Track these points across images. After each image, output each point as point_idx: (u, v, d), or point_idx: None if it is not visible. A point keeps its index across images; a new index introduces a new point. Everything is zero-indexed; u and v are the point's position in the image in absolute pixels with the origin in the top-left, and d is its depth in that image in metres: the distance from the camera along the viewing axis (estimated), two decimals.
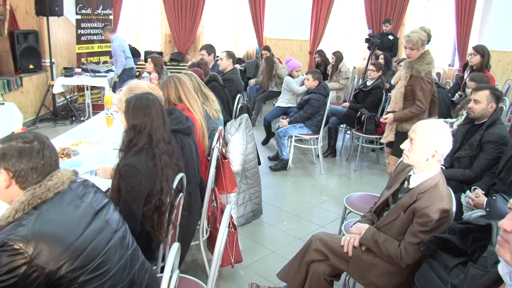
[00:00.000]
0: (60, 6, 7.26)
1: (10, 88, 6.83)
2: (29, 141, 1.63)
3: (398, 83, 4.21)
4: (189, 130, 2.82)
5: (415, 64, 3.95)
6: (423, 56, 3.95)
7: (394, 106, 4.22)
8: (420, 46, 3.91)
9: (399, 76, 4.20)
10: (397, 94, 4.17)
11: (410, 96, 4.09)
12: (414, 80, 4.00)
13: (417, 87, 3.99)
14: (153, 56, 5.92)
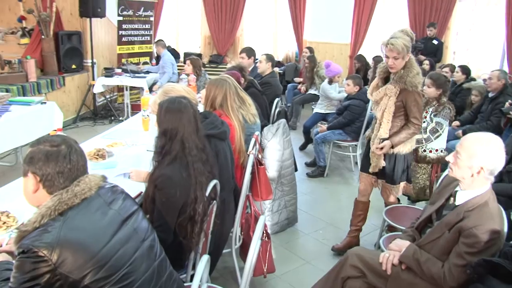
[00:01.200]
0: (102, 8, 7.36)
1: (53, 87, 6.96)
2: (57, 145, 1.59)
3: (382, 102, 3.30)
4: (224, 135, 2.75)
5: (405, 76, 3.17)
6: (409, 66, 3.20)
7: (387, 130, 3.32)
8: (406, 54, 3.15)
9: (382, 92, 3.29)
10: (387, 115, 3.28)
11: (398, 113, 3.29)
12: (407, 95, 3.21)
13: (411, 102, 3.22)
14: (192, 58, 5.92)
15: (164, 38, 9.39)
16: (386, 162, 3.38)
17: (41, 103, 5.10)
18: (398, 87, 3.21)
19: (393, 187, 3.44)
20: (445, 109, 4.02)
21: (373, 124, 3.53)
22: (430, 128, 3.99)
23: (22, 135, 4.68)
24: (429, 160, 4.07)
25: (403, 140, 3.30)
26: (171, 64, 7.68)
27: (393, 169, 3.39)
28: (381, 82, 3.38)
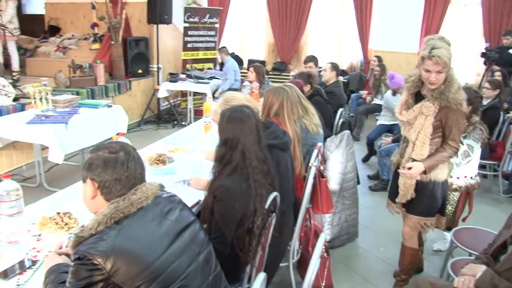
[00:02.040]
0: (169, 15, 7.54)
1: (120, 91, 7.17)
2: (115, 152, 1.58)
3: (417, 122, 2.83)
4: (286, 145, 2.67)
5: (447, 92, 2.68)
6: (450, 79, 2.71)
7: (421, 152, 2.82)
8: (449, 67, 2.67)
9: (417, 111, 2.82)
10: (423, 138, 2.80)
11: (435, 134, 2.81)
12: (448, 113, 2.73)
13: (453, 122, 2.73)
14: (255, 65, 5.91)
15: (229, 44, 9.48)
16: (419, 190, 2.88)
17: (107, 106, 5.25)
18: (438, 105, 2.73)
19: (426, 219, 2.96)
20: (476, 129, 3.64)
21: (401, 147, 3.04)
22: (462, 152, 3.55)
23: (89, 136, 4.83)
24: (456, 188, 3.56)
25: (437, 164, 2.81)
26: (234, 70, 7.71)
27: (427, 200, 2.90)
28: (411, 98, 2.91)
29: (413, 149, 2.84)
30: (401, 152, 3.00)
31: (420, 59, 2.69)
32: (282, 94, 3.15)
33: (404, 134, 2.99)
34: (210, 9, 9.06)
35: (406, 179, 2.87)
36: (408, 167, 2.78)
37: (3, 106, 5.10)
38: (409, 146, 2.88)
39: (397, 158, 3.07)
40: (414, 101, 2.89)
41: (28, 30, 9.64)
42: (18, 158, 5.28)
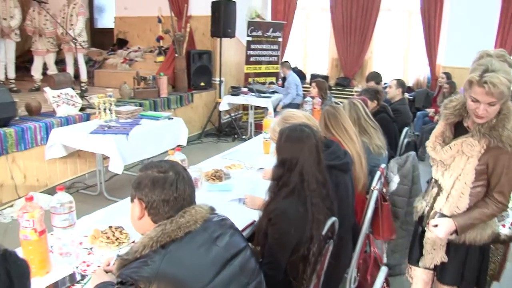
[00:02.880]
0: (233, 28, 7.57)
1: (182, 104, 7.25)
2: (164, 171, 1.51)
3: (455, 164, 2.15)
4: (347, 166, 2.52)
5: (500, 127, 2.01)
6: (506, 112, 2.04)
7: (457, 205, 2.15)
8: (507, 97, 1.98)
9: (456, 148, 2.13)
10: (461, 186, 2.13)
11: (477, 181, 2.11)
12: (498, 156, 2.05)
13: (503, 169, 2.05)
14: (318, 81, 5.80)
15: (292, 59, 9.41)
16: (451, 254, 2.24)
17: (168, 118, 5.28)
18: (485, 143, 2.05)
19: None
20: None
21: (429, 192, 2.34)
22: None
23: (149, 148, 4.88)
24: (505, 238, 2.57)
25: (475, 223, 2.11)
26: (295, 85, 7.63)
27: (461, 267, 2.25)
28: (449, 130, 2.22)
29: (447, 199, 2.19)
30: (430, 200, 2.30)
31: (467, 83, 2.01)
32: (331, 111, 3.01)
33: (435, 177, 2.30)
34: (274, 23, 9.04)
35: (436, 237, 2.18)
36: (433, 225, 2.15)
37: (70, 115, 5.26)
38: (442, 194, 2.22)
39: (422, 205, 2.37)
40: (453, 134, 2.21)
41: (98, 43, 10.06)
42: (81, 166, 5.42)
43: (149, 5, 8.75)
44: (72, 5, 7.34)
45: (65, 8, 7.37)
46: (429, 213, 2.28)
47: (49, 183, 5.04)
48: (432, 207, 2.27)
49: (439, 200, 2.23)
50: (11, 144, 4.58)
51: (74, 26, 7.21)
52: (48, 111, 5.39)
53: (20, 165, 4.72)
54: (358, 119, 3.33)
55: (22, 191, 4.70)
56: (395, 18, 9.55)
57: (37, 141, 4.84)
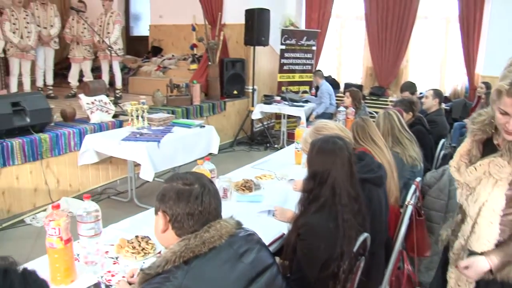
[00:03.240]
0: (266, 37, 7.54)
1: (214, 111, 7.25)
2: (189, 183, 1.46)
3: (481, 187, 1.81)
4: (381, 180, 2.43)
5: None
6: None
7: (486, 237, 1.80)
8: None
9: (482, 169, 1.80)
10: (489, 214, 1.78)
11: (509, 209, 1.75)
12: None
13: None
14: (352, 90, 5.71)
15: (325, 68, 9.32)
16: None
17: (200, 126, 5.27)
18: None
19: None
20: None
21: (455, 220, 2.03)
22: None
23: (180, 155, 4.87)
24: None
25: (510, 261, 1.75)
26: (329, 94, 7.52)
27: None
28: (476, 148, 1.88)
29: (472, 229, 1.83)
30: (456, 229, 1.99)
31: (495, 92, 1.67)
32: (360, 121, 2.92)
33: (459, 201, 1.97)
34: (308, 31, 8.97)
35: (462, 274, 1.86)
36: (464, 266, 1.81)
37: (103, 122, 5.32)
38: (466, 222, 1.88)
39: (447, 233, 2.08)
40: (480, 153, 1.87)
41: (133, 51, 10.22)
42: (113, 172, 5.47)
43: (184, 13, 8.85)
44: (109, 13, 7.48)
45: (102, 17, 7.52)
46: (454, 242, 1.97)
47: (81, 189, 5.09)
48: (457, 235, 1.96)
49: (464, 229, 1.90)
50: (46, 150, 4.66)
51: (111, 34, 7.34)
52: (82, 118, 5.47)
53: (54, 170, 4.79)
54: (392, 129, 3.23)
55: (55, 195, 4.77)
56: (432, 25, 9.33)
57: (70, 147, 4.91)
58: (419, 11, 8.99)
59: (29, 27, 6.95)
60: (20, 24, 6.88)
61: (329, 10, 9.58)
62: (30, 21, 6.98)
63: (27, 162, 4.51)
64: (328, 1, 9.52)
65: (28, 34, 6.94)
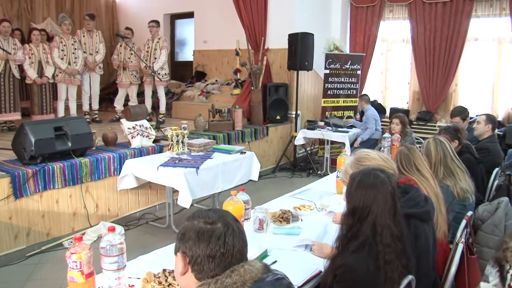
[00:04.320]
0: (310, 61, 7.44)
1: (257, 137, 7.16)
2: (211, 222, 1.33)
3: None
4: (428, 215, 2.22)
5: None
6: None
7: None
8: None
9: None
10: None
11: None
12: None
13: None
14: (400, 116, 5.55)
15: (371, 92, 9.09)
16: None
17: (240, 152, 5.17)
18: None
19: None
20: None
21: None
22: None
23: (220, 182, 4.78)
24: None
25: None
26: (374, 119, 7.30)
27: None
28: None
29: None
30: None
31: None
32: (404, 150, 2.72)
33: None
34: (352, 55, 8.81)
35: None
36: None
37: (143, 147, 5.32)
38: None
39: None
40: None
41: (178, 76, 10.36)
42: (152, 197, 5.43)
43: (228, 39, 8.89)
44: (156, 39, 7.63)
45: (149, 42, 7.68)
46: None
47: (120, 213, 5.07)
48: None
49: None
50: (86, 174, 4.67)
51: (157, 59, 7.48)
52: (124, 142, 5.50)
53: (93, 194, 4.79)
54: (445, 157, 3.02)
55: (94, 220, 4.76)
56: (483, 47, 8.96)
57: (110, 172, 4.90)
58: (469, 33, 8.66)
59: (76, 53, 7.15)
60: (68, 51, 7.09)
61: (374, 34, 9.39)
62: (77, 47, 7.18)
63: (67, 186, 4.53)
64: (374, 25, 9.34)
65: (75, 59, 7.15)
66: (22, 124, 4.43)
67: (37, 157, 4.36)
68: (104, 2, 11.32)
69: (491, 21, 8.66)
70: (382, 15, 9.34)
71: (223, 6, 8.70)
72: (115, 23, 11.45)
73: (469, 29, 8.61)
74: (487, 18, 8.65)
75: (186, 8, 10.10)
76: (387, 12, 9.40)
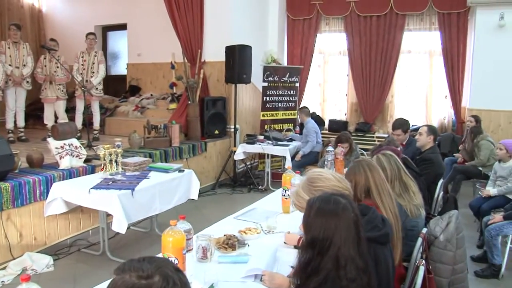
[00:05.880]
0: (248, 74, 7.28)
1: (195, 153, 6.90)
2: (147, 276, 1.07)
3: None
4: (387, 238, 2.06)
5: None
6: None
7: None
8: None
9: None
10: None
11: None
12: None
13: None
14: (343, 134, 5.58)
15: (309, 104, 9.09)
16: None
17: (179, 170, 4.89)
18: None
19: None
20: None
21: None
22: None
23: (157, 203, 4.48)
24: None
25: None
26: (315, 132, 7.23)
27: None
28: None
29: None
30: None
31: None
32: (361, 168, 2.54)
33: None
34: (290, 67, 8.75)
35: None
36: None
37: (73, 167, 4.92)
38: None
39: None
40: None
41: (112, 90, 9.90)
42: (84, 222, 5.02)
43: (162, 51, 8.57)
44: (93, 52, 7.24)
45: (84, 55, 7.25)
46: None
47: (48, 241, 4.63)
48: None
49: None
50: (7, 200, 4.21)
51: (95, 74, 7.11)
52: (51, 163, 5.06)
53: (15, 222, 4.32)
54: (399, 171, 2.88)
55: (17, 251, 4.30)
56: (416, 60, 9.20)
57: (36, 196, 4.46)
58: (402, 45, 8.87)
59: None
60: None
61: (312, 46, 9.43)
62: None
63: None
64: (310, 37, 9.38)
65: None
66: None
67: None
68: (29, 11, 10.55)
69: (422, 34, 8.92)
70: (319, 27, 9.41)
71: (158, 17, 8.37)
72: (42, 35, 10.77)
73: (403, 42, 8.81)
74: (419, 32, 8.92)
75: (119, 19, 9.68)
76: (324, 24, 9.48)
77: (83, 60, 7.29)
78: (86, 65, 7.28)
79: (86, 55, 7.30)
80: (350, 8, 8.99)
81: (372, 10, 8.86)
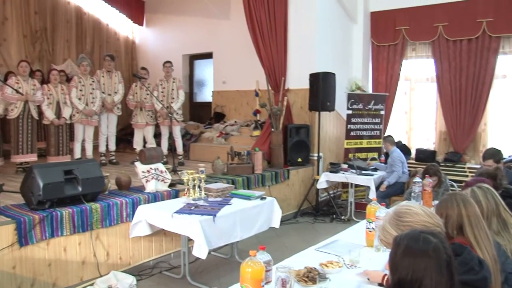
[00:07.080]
0: (332, 102, 7.19)
1: (277, 181, 6.86)
2: None
3: None
4: (485, 283, 1.86)
5: None
6: None
7: None
8: None
9: None
10: None
11: None
12: None
13: None
14: (431, 166, 5.30)
15: (395, 132, 8.78)
16: None
17: (261, 198, 4.86)
18: None
19: None
20: None
21: None
22: None
23: (239, 230, 4.46)
24: None
25: None
26: (401, 162, 6.95)
27: None
28: None
29: None
30: None
31: None
32: (454, 202, 2.32)
33: None
34: (375, 95, 8.54)
35: None
36: None
37: (158, 191, 5.06)
38: None
39: None
40: None
41: (197, 117, 10.22)
42: (167, 244, 5.13)
43: (247, 79, 8.73)
44: (171, 79, 7.53)
45: (163, 83, 7.57)
46: None
47: (132, 262, 4.77)
48: None
49: None
50: (96, 220, 4.40)
51: (176, 99, 7.38)
52: (138, 186, 5.26)
53: (103, 242, 4.50)
54: (497, 207, 2.62)
55: (104, 269, 4.46)
56: None
57: (122, 218, 4.63)
58: (496, 70, 8.34)
59: (94, 93, 7.06)
60: (86, 91, 7.00)
61: (397, 73, 9.14)
62: (95, 87, 7.09)
63: (76, 233, 4.26)
64: (396, 63, 9.10)
65: (92, 100, 7.05)
66: (31, 167, 4.24)
67: (45, 202, 4.13)
68: (124, 43, 11.36)
69: None
70: (405, 53, 9.11)
71: (242, 46, 8.58)
72: (134, 64, 11.46)
73: (497, 66, 8.30)
74: None
75: (205, 48, 10.04)
76: (410, 50, 9.18)
77: (162, 87, 7.61)
78: (166, 92, 7.58)
79: (164, 83, 7.62)
80: (438, 32, 8.63)
81: (462, 33, 8.44)
